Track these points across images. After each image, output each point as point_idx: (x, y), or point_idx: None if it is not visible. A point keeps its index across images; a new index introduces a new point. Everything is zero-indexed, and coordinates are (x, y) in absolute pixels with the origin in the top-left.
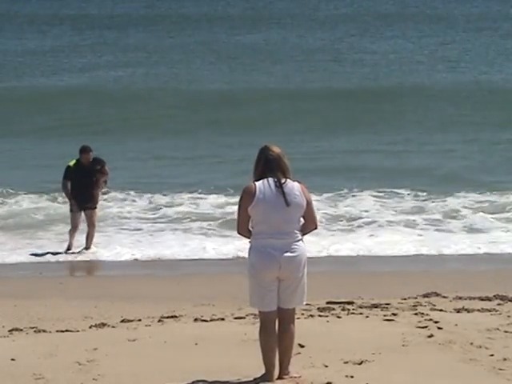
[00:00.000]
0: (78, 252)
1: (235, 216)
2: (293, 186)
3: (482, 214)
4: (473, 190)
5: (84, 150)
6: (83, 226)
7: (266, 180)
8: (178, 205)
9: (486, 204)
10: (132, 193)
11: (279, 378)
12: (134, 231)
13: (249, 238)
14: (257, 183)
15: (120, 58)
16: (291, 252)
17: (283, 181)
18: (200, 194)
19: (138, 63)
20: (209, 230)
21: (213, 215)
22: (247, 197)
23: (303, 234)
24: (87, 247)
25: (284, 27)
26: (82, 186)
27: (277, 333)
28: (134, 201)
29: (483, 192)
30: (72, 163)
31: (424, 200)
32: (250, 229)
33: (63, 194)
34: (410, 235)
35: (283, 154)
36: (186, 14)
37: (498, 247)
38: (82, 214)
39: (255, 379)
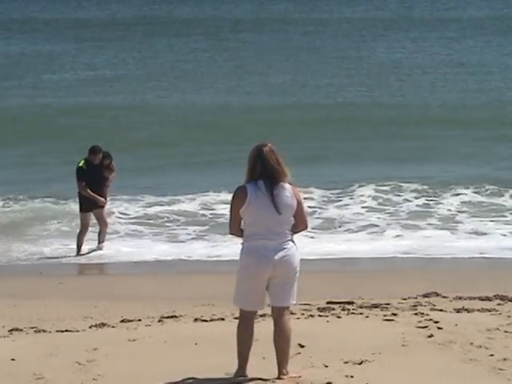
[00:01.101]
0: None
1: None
2: (284, 188)
3: (482, 214)
4: (473, 191)
5: (94, 151)
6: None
7: (257, 182)
8: (178, 204)
9: (486, 204)
10: (133, 192)
11: (278, 378)
12: (134, 231)
13: (241, 237)
14: (248, 185)
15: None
16: (284, 252)
17: (275, 183)
18: (201, 194)
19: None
20: (209, 229)
21: (213, 215)
22: (239, 198)
23: (294, 234)
24: (99, 242)
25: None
26: (94, 186)
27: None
28: (134, 200)
29: (484, 192)
30: (82, 164)
31: (424, 200)
32: (242, 228)
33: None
34: (410, 235)
35: (278, 154)
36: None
37: (498, 247)
38: (91, 214)
39: (231, 377)
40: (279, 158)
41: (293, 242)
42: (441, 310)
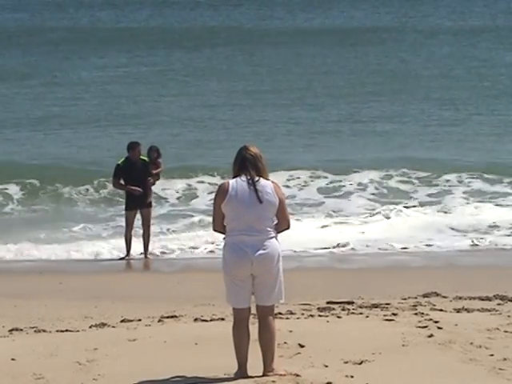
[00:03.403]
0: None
1: None
2: (265, 185)
3: (483, 213)
4: (473, 187)
5: (131, 147)
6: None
7: (239, 178)
8: (177, 204)
9: (487, 200)
10: None
11: (264, 375)
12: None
13: (224, 234)
14: (230, 181)
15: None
16: (263, 249)
17: (256, 179)
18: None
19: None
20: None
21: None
22: (220, 194)
23: (277, 233)
24: (145, 254)
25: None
26: (134, 182)
27: (247, 331)
28: None
29: (484, 188)
30: (121, 162)
31: (424, 199)
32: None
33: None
34: (410, 235)
35: (260, 155)
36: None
37: (498, 247)
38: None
39: (231, 377)
40: (262, 158)
41: (276, 240)
42: (441, 310)
